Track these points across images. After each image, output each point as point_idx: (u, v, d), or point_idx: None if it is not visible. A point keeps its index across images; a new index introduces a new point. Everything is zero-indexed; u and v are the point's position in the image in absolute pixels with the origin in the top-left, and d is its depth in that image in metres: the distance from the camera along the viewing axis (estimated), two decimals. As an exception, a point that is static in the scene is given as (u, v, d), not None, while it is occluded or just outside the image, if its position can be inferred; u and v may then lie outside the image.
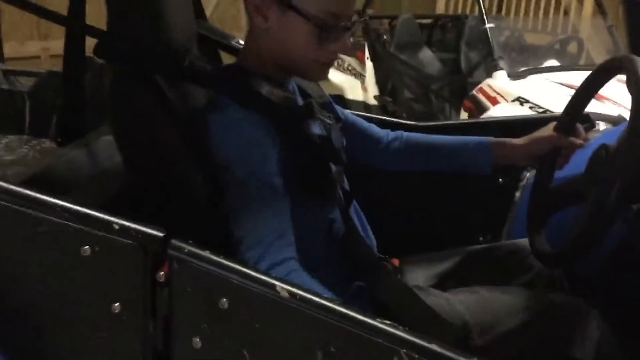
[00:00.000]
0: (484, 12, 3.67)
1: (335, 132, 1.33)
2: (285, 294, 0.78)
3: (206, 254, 0.81)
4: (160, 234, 0.83)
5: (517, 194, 1.82)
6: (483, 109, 3.44)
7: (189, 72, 1.15)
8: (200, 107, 1.14)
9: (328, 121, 1.31)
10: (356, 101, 4.36)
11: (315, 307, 0.77)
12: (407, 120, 3.46)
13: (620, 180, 1.10)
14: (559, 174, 1.45)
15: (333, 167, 1.22)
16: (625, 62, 1.22)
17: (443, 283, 1.39)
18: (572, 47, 4.04)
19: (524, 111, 3.27)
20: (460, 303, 1.26)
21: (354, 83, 4.39)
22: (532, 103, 3.26)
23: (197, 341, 0.82)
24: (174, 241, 0.82)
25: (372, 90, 4.27)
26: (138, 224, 0.83)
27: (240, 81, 1.14)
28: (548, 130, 1.40)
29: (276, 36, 1.14)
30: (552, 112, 3.26)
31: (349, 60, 4.48)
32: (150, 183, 1.02)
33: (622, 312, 1.43)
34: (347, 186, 1.31)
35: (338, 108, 1.42)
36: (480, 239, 1.85)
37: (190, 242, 0.82)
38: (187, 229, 0.89)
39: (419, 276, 1.41)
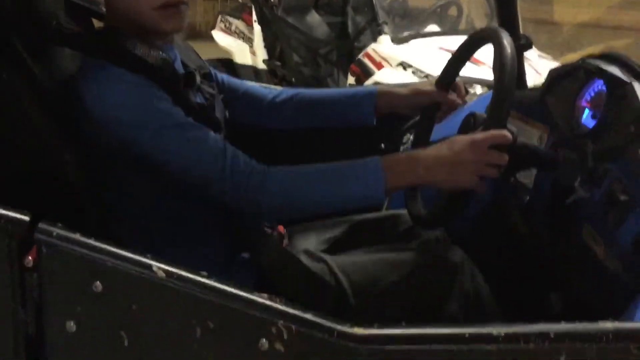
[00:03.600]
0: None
1: (218, 102, 1.32)
2: (162, 274, 0.77)
3: (77, 236, 0.78)
4: (26, 218, 0.79)
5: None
6: (369, 74, 3.51)
7: (55, 35, 1.09)
8: (72, 76, 1.10)
9: (210, 90, 1.30)
10: (245, 65, 4.31)
11: (192, 285, 0.77)
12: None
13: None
14: (438, 136, 1.52)
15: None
16: (492, 33, 1.29)
17: (330, 251, 1.43)
18: (452, 12, 4.19)
19: (408, 75, 3.38)
20: (338, 266, 1.31)
21: (243, 47, 4.33)
22: (414, 67, 3.37)
23: (71, 325, 0.80)
24: (41, 225, 0.79)
25: (261, 54, 4.23)
26: (2, 208, 0.79)
27: (113, 42, 1.10)
28: (430, 84, 1.45)
29: None
30: (433, 75, 3.40)
31: (236, 23, 4.40)
32: (17, 163, 0.96)
33: (493, 268, 1.54)
34: None
35: (216, 74, 1.40)
36: None
37: (60, 225, 0.80)
38: (58, 211, 0.85)
39: (306, 244, 1.44)
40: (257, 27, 4.21)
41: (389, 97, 1.44)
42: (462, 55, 1.42)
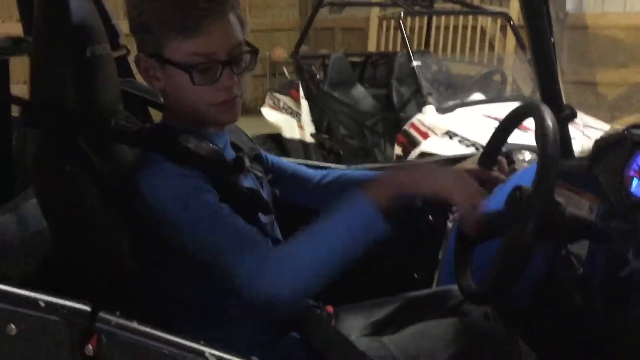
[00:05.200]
0: (410, 51, 3.82)
1: (265, 184, 1.37)
2: (214, 360, 0.79)
3: (134, 325, 0.82)
4: (87, 308, 0.83)
5: (447, 231, 1.89)
6: (415, 143, 3.55)
7: (115, 133, 1.16)
8: (129, 168, 1.16)
9: (259, 174, 1.35)
10: (293, 139, 4.42)
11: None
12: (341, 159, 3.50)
13: (533, 222, 1.17)
14: (485, 210, 1.52)
15: (263, 218, 1.25)
16: (534, 109, 1.31)
17: (379, 331, 1.42)
18: (496, 78, 4.23)
19: (454, 144, 3.40)
20: (393, 344, 1.31)
21: (291, 121, 4.45)
22: (460, 136, 3.40)
23: (129, 412, 0.82)
24: (101, 314, 0.83)
25: (309, 128, 4.34)
26: (64, 298, 0.83)
27: (167, 138, 1.16)
28: (472, 162, 1.47)
29: (170, 93, 1.18)
30: (480, 143, 3.41)
31: (284, 99, 4.55)
32: (77, 252, 1.02)
33: (549, 342, 1.50)
34: (279, 235, 1.34)
35: (266, 155, 1.46)
36: (415, 276, 1.91)
37: (118, 313, 0.83)
38: (116, 299, 0.89)
39: (354, 324, 1.44)
40: (304, 102, 4.34)
41: None
42: (504, 131, 1.44)
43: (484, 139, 3.43)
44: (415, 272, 1.91)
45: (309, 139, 4.32)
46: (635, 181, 1.35)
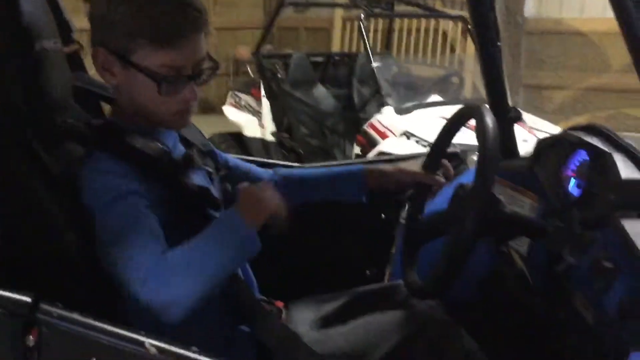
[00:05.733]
0: (369, 52, 3.87)
1: (217, 180, 1.39)
2: (154, 350, 0.81)
3: (75, 316, 0.83)
4: (28, 299, 0.84)
5: (398, 229, 1.93)
6: (374, 143, 3.60)
7: (61, 130, 1.17)
8: (76, 164, 1.17)
9: (210, 170, 1.36)
10: (254, 138, 4.43)
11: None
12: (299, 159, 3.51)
13: (472, 218, 1.22)
14: (431, 209, 1.57)
15: (213, 214, 1.26)
16: (474, 110, 1.36)
17: (327, 325, 1.45)
18: (455, 82, 4.32)
19: (411, 144, 3.46)
20: (340, 336, 1.34)
21: (252, 120, 4.46)
22: (417, 137, 3.46)
23: (69, 402, 0.84)
24: (42, 305, 0.84)
25: (270, 127, 4.35)
26: (4, 289, 0.84)
27: (113, 136, 1.17)
28: (415, 164, 1.52)
29: (126, 91, 1.18)
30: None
31: (246, 98, 4.56)
32: (24, 245, 1.03)
33: (492, 335, 1.55)
34: None
35: (219, 153, 1.47)
36: (367, 273, 1.95)
37: (59, 305, 0.85)
38: (63, 292, 0.90)
39: (304, 319, 1.47)
40: (265, 101, 4.36)
41: (375, 175, 1.51)
42: (447, 134, 1.48)
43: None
44: (367, 268, 1.95)
45: (270, 138, 4.34)
46: (572, 181, 1.42)
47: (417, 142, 3.43)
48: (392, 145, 3.43)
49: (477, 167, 1.26)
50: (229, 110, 4.61)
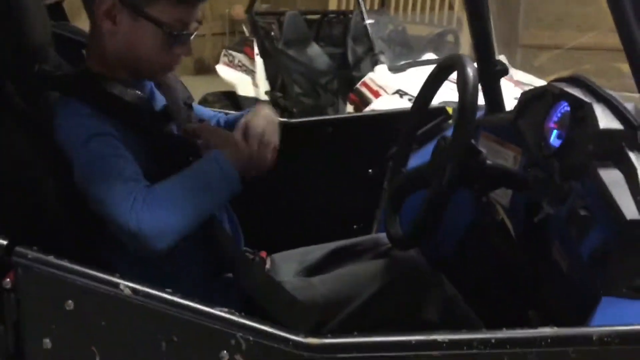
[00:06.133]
0: (363, 9, 3.83)
1: None
2: (129, 292, 0.83)
3: (50, 258, 0.85)
4: (4, 242, 0.86)
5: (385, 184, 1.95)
6: (366, 102, 3.59)
7: (38, 78, 1.17)
8: (51, 109, 1.17)
9: (192, 121, 1.37)
10: (248, 97, 4.41)
11: (157, 301, 0.83)
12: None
13: (450, 168, 1.23)
14: (414, 162, 1.58)
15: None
16: (457, 61, 1.36)
17: (311, 275, 1.47)
18: (450, 40, 4.28)
19: (404, 103, 3.45)
20: (322, 284, 1.37)
21: (245, 79, 4.44)
22: (410, 95, 3.45)
23: (47, 342, 0.86)
24: (18, 248, 0.86)
25: (263, 86, 4.33)
26: (-19, 234, 0.86)
27: (91, 84, 1.18)
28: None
29: (124, 39, 1.18)
30: (429, 103, 3.47)
31: (239, 57, 4.52)
32: (3, 194, 1.04)
33: (474, 286, 1.58)
34: None
35: (198, 107, 1.48)
36: (355, 227, 1.97)
37: (35, 248, 0.86)
38: (39, 235, 0.92)
39: (288, 269, 1.50)
40: (258, 60, 4.33)
41: None
42: (432, 85, 1.48)
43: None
44: (355, 222, 1.97)
45: (264, 97, 4.32)
46: (554, 132, 1.42)
47: (410, 100, 3.42)
48: (385, 104, 3.42)
49: (457, 118, 1.26)
50: (223, 70, 4.58)
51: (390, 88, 3.53)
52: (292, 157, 1.95)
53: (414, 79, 3.56)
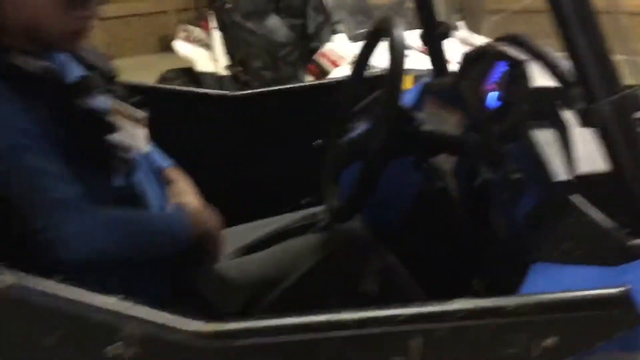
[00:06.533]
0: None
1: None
2: (8, 282, 0.76)
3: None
4: None
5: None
6: (326, 72, 3.51)
7: None
8: None
9: (117, 94, 1.29)
10: (207, 73, 4.30)
11: (39, 294, 0.76)
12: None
13: (379, 134, 1.17)
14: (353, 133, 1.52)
15: (110, 139, 1.19)
16: (387, 24, 1.29)
17: (247, 253, 1.41)
18: (409, 7, 4.18)
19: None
20: (254, 262, 1.31)
21: (203, 54, 4.32)
22: (369, 64, 3.36)
23: None
24: None
25: (222, 60, 4.22)
26: None
27: None
28: None
29: (20, 8, 1.09)
30: (388, 71, 3.40)
31: (196, 31, 4.39)
32: None
33: (417, 250, 1.54)
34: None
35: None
36: (303, 202, 1.91)
37: None
38: None
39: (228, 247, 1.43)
40: (216, 34, 4.21)
41: None
42: (365, 51, 1.41)
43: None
44: (305, 196, 1.91)
45: (223, 72, 4.21)
46: (493, 94, 1.36)
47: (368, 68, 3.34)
48: (343, 73, 3.34)
49: (385, 84, 1.20)
50: (180, 45, 4.45)
51: (349, 57, 3.45)
52: (237, 131, 1.88)
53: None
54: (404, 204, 1.63)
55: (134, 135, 1.25)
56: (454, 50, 1.78)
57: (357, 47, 3.69)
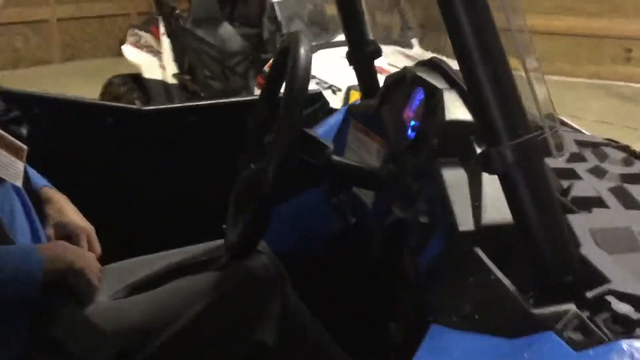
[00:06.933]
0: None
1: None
2: None
3: None
4: None
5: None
6: (274, 85, 3.37)
7: None
8: None
9: None
10: (155, 80, 4.13)
11: None
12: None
13: (273, 165, 1.04)
14: None
15: None
16: (291, 40, 1.17)
17: (136, 292, 1.25)
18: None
19: (311, 86, 3.25)
20: (136, 304, 1.16)
21: (152, 61, 4.15)
22: (318, 78, 3.25)
23: None
24: None
25: (171, 68, 4.06)
26: None
27: None
28: None
29: None
30: (336, 86, 3.28)
31: (145, 36, 4.23)
32: None
33: (330, 291, 1.41)
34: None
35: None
36: (224, 227, 1.77)
37: None
38: None
39: (113, 286, 1.27)
40: (165, 40, 4.05)
41: None
42: (277, 69, 1.28)
43: (341, 81, 3.32)
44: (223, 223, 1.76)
45: (172, 80, 4.05)
46: (412, 123, 1.24)
47: (317, 83, 3.23)
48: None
49: (282, 107, 1.07)
50: (129, 50, 4.27)
51: (297, 71, 3.32)
52: (150, 149, 1.73)
53: (323, 61, 3.36)
54: (319, 237, 1.50)
55: (6, 165, 1.11)
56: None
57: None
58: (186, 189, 1.75)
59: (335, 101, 3.10)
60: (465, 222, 0.88)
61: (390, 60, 3.02)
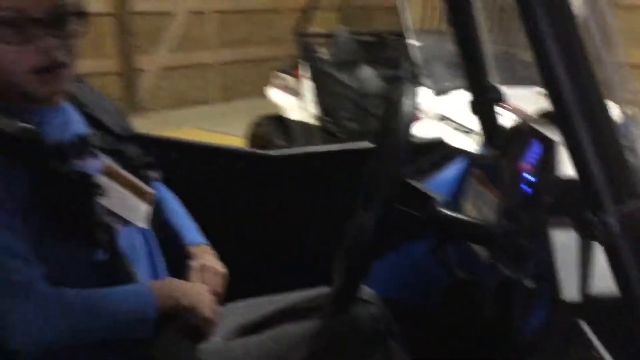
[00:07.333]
0: (407, 28, 3.62)
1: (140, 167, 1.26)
2: None
3: None
4: None
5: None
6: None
7: None
8: None
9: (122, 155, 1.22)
10: (296, 121, 4.29)
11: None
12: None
13: (375, 215, 1.02)
14: None
15: (97, 202, 1.09)
16: (392, 89, 1.16)
17: (249, 333, 1.29)
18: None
19: (448, 130, 3.20)
20: (246, 346, 1.19)
21: (294, 102, 4.32)
22: (453, 121, 3.20)
23: None
24: None
25: (312, 110, 4.19)
26: None
27: None
28: None
29: None
30: (476, 130, 3.19)
31: (288, 79, 4.42)
32: None
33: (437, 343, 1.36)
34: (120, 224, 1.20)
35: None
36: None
37: None
38: None
39: (230, 325, 1.32)
40: (307, 83, 4.20)
41: None
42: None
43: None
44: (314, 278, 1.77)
45: (313, 122, 4.18)
46: (527, 178, 1.17)
47: (455, 128, 3.16)
48: (426, 130, 3.18)
49: (382, 156, 1.06)
50: (272, 92, 4.49)
51: (432, 112, 3.29)
52: (274, 194, 1.78)
53: (459, 103, 3.30)
54: (429, 288, 1.46)
55: (131, 207, 1.18)
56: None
57: (441, 101, 3.53)
58: (304, 232, 1.77)
59: (471, 143, 3.02)
60: (570, 290, 0.82)
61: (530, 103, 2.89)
